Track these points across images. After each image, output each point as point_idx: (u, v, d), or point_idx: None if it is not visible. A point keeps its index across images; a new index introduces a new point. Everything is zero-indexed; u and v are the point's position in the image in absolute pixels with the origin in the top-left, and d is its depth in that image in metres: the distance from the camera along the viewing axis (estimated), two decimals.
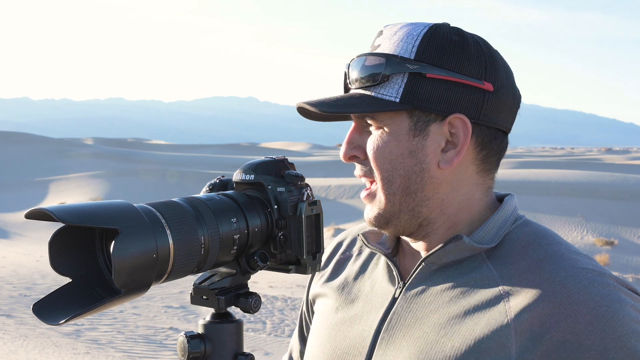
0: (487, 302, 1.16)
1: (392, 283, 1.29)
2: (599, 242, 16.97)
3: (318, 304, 1.43)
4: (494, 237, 1.22)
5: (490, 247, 1.20)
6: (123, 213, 0.89)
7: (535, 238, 1.21)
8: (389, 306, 1.26)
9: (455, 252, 1.21)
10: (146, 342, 8.31)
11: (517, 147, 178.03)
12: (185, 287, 10.69)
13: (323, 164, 40.46)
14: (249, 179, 1.12)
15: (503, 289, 1.16)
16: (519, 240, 1.21)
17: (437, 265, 1.23)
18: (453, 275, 1.22)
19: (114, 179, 30.93)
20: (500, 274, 1.17)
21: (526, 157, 54.29)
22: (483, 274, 1.19)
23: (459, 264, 1.22)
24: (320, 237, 1.13)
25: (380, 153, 1.20)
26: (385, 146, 1.20)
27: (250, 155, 49.48)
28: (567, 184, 22.55)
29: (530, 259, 1.17)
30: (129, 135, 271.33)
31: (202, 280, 1.09)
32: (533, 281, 1.14)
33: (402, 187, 1.21)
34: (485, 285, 1.18)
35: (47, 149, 46.24)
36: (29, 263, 13.06)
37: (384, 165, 1.20)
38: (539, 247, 1.19)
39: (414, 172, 1.21)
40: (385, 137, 1.20)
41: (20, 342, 7.95)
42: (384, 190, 1.22)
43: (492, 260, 1.20)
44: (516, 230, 1.23)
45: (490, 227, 1.22)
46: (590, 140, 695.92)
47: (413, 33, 1.21)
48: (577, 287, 1.10)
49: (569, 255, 1.17)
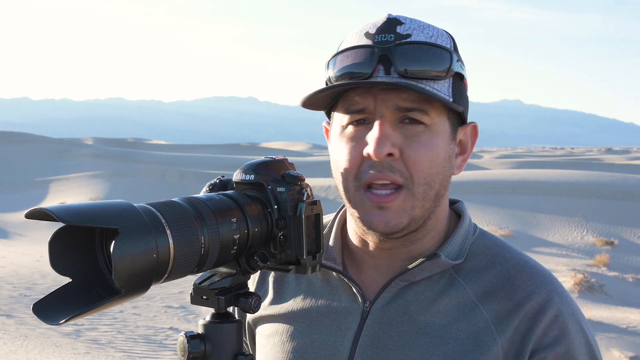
0: (469, 322, 1.14)
1: (354, 301, 1.22)
2: (599, 242, 16.96)
3: (263, 328, 1.31)
4: (459, 251, 1.20)
5: (459, 263, 1.18)
6: (123, 213, 0.89)
7: (498, 252, 1.21)
8: (357, 328, 1.19)
9: (430, 269, 1.18)
10: (146, 342, 8.31)
11: (517, 147, 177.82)
12: (185, 287, 10.68)
13: (323, 164, 40.42)
14: (249, 179, 1.12)
15: (482, 308, 1.15)
16: (483, 254, 1.21)
17: (408, 282, 1.19)
18: (424, 292, 1.18)
19: (114, 179, 30.92)
20: (475, 292, 1.16)
21: (526, 157, 54.31)
22: (457, 291, 1.17)
23: (427, 280, 1.19)
24: (320, 237, 1.12)
25: (431, 155, 1.11)
26: (435, 148, 1.11)
27: (250, 155, 49.49)
28: (567, 184, 22.55)
29: (502, 276, 1.17)
30: (129, 135, 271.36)
31: (202, 280, 1.09)
32: (507, 297, 1.15)
33: (437, 192, 1.14)
34: (462, 303, 1.16)
35: (47, 149, 46.22)
36: (29, 263, 13.05)
37: (431, 168, 1.11)
38: (505, 261, 1.19)
39: (446, 177, 1.15)
40: (435, 138, 1.11)
41: (20, 342, 7.95)
42: (422, 195, 1.12)
43: (461, 276, 1.18)
44: (477, 243, 1.22)
45: (456, 240, 1.20)
46: (590, 140, 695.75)
47: (442, 32, 1.15)
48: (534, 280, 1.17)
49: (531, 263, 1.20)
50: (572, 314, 1.16)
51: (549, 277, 1.19)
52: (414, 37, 1.11)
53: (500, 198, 20.72)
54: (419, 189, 1.12)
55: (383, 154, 1.09)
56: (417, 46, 1.10)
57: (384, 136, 1.09)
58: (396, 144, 1.10)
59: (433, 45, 1.10)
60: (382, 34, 1.11)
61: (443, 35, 1.15)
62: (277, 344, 1.27)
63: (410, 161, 1.11)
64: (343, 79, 1.13)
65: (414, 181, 1.11)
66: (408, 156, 1.11)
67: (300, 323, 1.26)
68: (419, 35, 1.11)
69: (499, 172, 28.40)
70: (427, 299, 1.17)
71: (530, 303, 1.14)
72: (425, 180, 1.12)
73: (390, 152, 1.10)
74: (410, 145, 1.11)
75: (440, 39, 1.13)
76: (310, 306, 1.26)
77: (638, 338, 9.04)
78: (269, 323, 1.31)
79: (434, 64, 1.09)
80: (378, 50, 1.10)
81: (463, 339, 1.13)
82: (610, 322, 9.72)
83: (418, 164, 1.11)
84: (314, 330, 1.24)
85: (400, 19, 1.13)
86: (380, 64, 1.10)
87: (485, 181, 23.15)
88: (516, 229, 17.71)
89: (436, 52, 1.10)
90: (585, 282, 11.91)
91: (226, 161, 43.24)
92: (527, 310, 1.14)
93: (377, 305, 1.20)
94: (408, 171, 1.11)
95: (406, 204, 1.13)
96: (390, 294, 1.19)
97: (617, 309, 10.84)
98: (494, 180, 23.30)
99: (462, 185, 22.11)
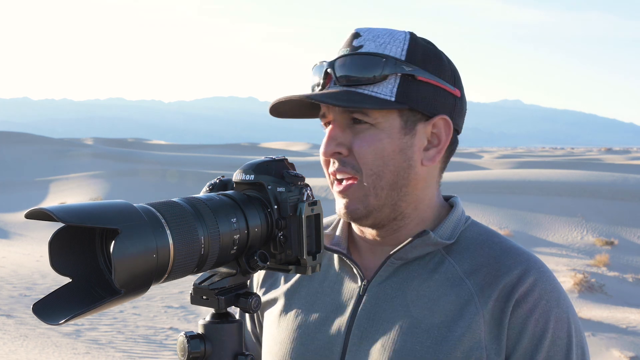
0: (455, 295, 1.26)
1: (354, 281, 1.34)
2: (599, 242, 16.97)
3: (268, 310, 1.42)
4: (451, 234, 1.32)
5: (450, 243, 1.30)
6: (123, 213, 0.89)
7: (487, 237, 1.33)
8: (355, 304, 1.31)
9: (421, 247, 1.29)
10: (146, 342, 8.31)
11: (517, 147, 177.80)
12: (185, 287, 10.69)
13: None
14: (249, 179, 1.12)
15: (468, 282, 1.26)
16: (472, 238, 1.33)
17: (402, 260, 1.30)
18: (417, 270, 1.30)
19: (114, 179, 30.92)
20: (462, 269, 1.28)
21: (526, 157, 54.36)
22: (447, 269, 1.29)
23: (420, 259, 1.31)
24: (320, 237, 1.13)
25: (373, 149, 1.25)
26: (378, 143, 1.25)
27: (250, 155, 49.49)
28: (567, 184, 22.56)
29: (489, 255, 1.29)
30: (129, 135, 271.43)
31: (202, 280, 1.09)
32: (490, 272, 1.26)
33: (390, 182, 1.27)
34: (451, 279, 1.28)
35: (47, 149, 46.24)
36: (29, 263, 13.06)
37: (376, 161, 1.25)
38: (493, 244, 1.31)
39: (402, 168, 1.27)
40: (378, 134, 1.25)
41: (20, 342, 7.96)
42: (372, 185, 1.26)
43: (452, 256, 1.30)
44: (469, 229, 1.35)
45: (448, 225, 1.32)
46: (590, 140, 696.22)
47: (398, 37, 1.28)
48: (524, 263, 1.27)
49: (517, 247, 1.32)
50: (549, 285, 1.26)
51: (532, 257, 1.30)
52: (364, 48, 1.26)
53: (500, 198, 20.72)
54: (368, 179, 1.26)
55: (329, 153, 1.27)
56: (351, 57, 1.26)
57: (330, 138, 1.27)
58: (345, 142, 1.27)
59: (364, 54, 1.25)
60: (343, 48, 1.29)
61: (397, 40, 1.27)
62: (281, 324, 1.37)
63: (357, 155, 1.25)
64: (314, 86, 1.32)
65: (363, 173, 1.26)
66: (355, 151, 1.26)
67: (303, 302, 1.37)
68: (370, 44, 1.26)
69: (499, 172, 28.41)
70: (419, 276, 1.29)
71: (509, 277, 1.25)
72: (372, 171, 1.26)
73: (335, 151, 1.27)
74: (356, 142, 1.26)
75: (391, 44, 1.26)
76: (314, 287, 1.38)
77: (638, 338, 9.05)
78: (275, 305, 1.41)
79: (364, 71, 1.24)
80: (326, 65, 1.28)
81: (450, 309, 1.24)
82: (610, 322, 9.73)
83: (362, 157, 1.25)
84: (316, 308, 1.35)
85: (361, 32, 1.28)
86: (331, 76, 1.28)
87: (485, 181, 23.15)
88: (516, 229, 17.72)
89: (368, 60, 1.24)
90: (585, 282, 11.92)
91: (226, 161, 43.25)
92: (506, 282, 1.25)
93: (374, 283, 1.31)
94: (358, 164, 1.26)
95: (359, 192, 1.27)
96: (386, 273, 1.31)
97: (617, 309, 10.84)
98: (494, 180, 23.31)
99: (462, 185, 22.10)
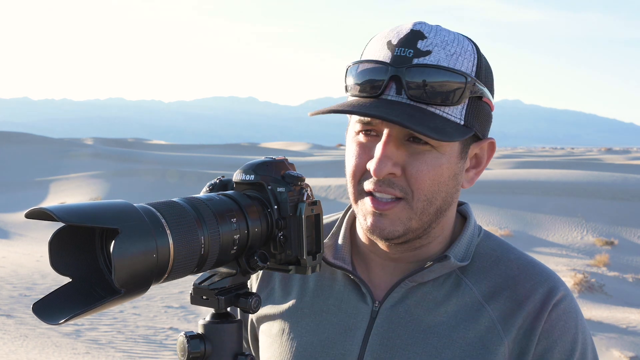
0: (476, 322, 1.17)
1: (363, 301, 1.24)
2: (599, 242, 16.96)
3: (268, 326, 1.32)
4: (465, 253, 1.22)
5: (465, 264, 1.21)
6: (123, 213, 0.89)
7: (502, 253, 1.24)
8: (365, 327, 1.22)
9: (438, 271, 1.20)
10: (146, 342, 8.31)
11: (517, 147, 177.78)
12: (185, 287, 10.68)
13: (323, 164, 40.43)
14: (249, 179, 1.12)
15: (488, 308, 1.18)
16: (487, 255, 1.24)
17: (416, 282, 1.21)
18: (431, 292, 1.21)
19: (114, 179, 30.90)
20: (480, 291, 1.19)
21: (526, 157, 54.32)
22: (464, 292, 1.20)
23: (434, 281, 1.22)
24: (320, 238, 1.12)
25: (433, 175, 1.13)
26: (438, 169, 1.13)
27: (250, 155, 49.46)
28: (567, 184, 22.54)
29: (507, 276, 1.20)
30: (129, 135, 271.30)
31: (202, 280, 1.09)
32: (511, 297, 1.18)
33: (438, 208, 1.16)
34: (469, 303, 1.19)
35: (47, 149, 46.20)
36: (29, 263, 13.05)
37: (432, 187, 1.14)
38: (509, 261, 1.22)
39: (450, 194, 1.17)
40: (439, 158, 1.13)
41: (20, 342, 7.95)
42: (420, 209, 1.15)
43: (467, 276, 1.21)
44: (483, 244, 1.25)
45: (463, 242, 1.23)
46: (590, 140, 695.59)
47: (467, 47, 1.14)
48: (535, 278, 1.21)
49: (534, 263, 1.23)
50: (570, 305, 1.20)
51: (550, 275, 1.22)
52: (434, 55, 1.11)
53: (500, 198, 20.71)
54: (418, 204, 1.15)
55: (383, 173, 1.12)
56: (429, 70, 1.09)
57: (385, 156, 1.12)
58: (399, 162, 1.13)
59: (447, 70, 1.09)
60: (402, 47, 1.12)
61: (467, 51, 1.13)
62: (284, 343, 1.28)
63: (412, 178, 1.13)
64: (357, 90, 1.15)
65: (414, 196, 1.14)
66: (410, 173, 1.13)
67: (308, 322, 1.27)
68: (440, 52, 1.11)
69: (499, 172, 28.37)
70: (434, 299, 1.20)
71: (532, 303, 1.18)
72: (426, 197, 1.14)
73: (390, 172, 1.12)
74: (413, 164, 1.13)
75: (463, 56, 1.12)
76: (318, 305, 1.28)
77: (638, 338, 9.04)
78: (275, 321, 1.32)
79: (443, 88, 1.09)
80: (391, 69, 1.11)
81: (471, 338, 1.16)
82: (610, 322, 9.72)
83: (419, 182, 1.13)
84: (322, 329, 1.25)
85: (425, 32, 1.12)
86: (393, 82, 1.11)
87: (485, 181, 23.13)
88: (516, 229, 17.71)
89: (449, 77, 1.09)
90: (585, 282, 11.91)
91: (226, 161, 43.21)
92: (530, 309, 1.17)
93: (386, 305, 1.22)
94: (409, 187, 1.14)
95: (403, 214, 1.15)
96: (399, 294, 1.22)
97: (617, 309, 10.84)
98: (494, 180, 23.28)
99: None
